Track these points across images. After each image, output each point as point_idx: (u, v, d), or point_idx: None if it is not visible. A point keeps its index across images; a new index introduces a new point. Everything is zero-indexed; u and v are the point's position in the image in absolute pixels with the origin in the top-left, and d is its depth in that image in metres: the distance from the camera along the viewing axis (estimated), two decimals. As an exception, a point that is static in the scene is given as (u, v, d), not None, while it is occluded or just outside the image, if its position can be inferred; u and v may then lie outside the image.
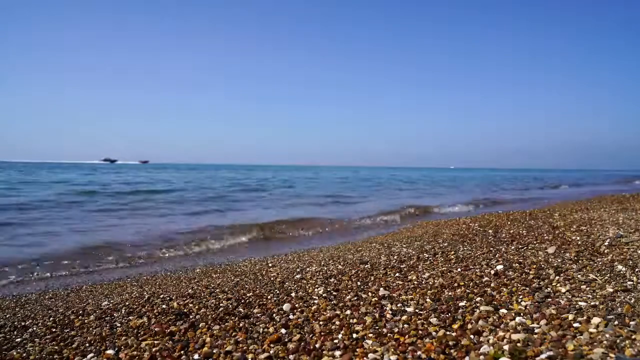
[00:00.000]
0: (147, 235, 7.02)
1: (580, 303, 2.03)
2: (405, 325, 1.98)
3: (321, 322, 2.14)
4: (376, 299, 2.45)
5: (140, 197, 14.32)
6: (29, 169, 44.81)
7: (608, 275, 2.46)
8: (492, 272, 2.79)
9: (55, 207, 10.73)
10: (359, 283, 2.87)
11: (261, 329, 2.11)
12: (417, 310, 2.18)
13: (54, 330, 2.41)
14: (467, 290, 2.44)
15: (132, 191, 16.56)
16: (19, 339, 2.29)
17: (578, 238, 3.74)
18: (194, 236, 6.92)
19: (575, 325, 1.76)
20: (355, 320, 2.11)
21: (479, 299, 2.28)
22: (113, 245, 6.13)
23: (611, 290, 2.17)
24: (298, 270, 3.56)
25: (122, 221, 8.82)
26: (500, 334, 1.77)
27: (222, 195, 15.35)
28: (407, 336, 1.85)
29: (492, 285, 2.51)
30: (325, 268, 3.52)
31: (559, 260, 2.94)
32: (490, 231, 4.71)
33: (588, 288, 2.26)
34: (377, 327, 1.99)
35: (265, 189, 19.52)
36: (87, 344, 2.12)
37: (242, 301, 2.66)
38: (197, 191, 17.12)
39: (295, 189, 20.70)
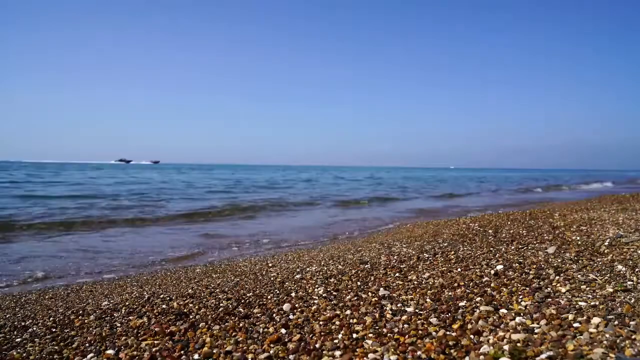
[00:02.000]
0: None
1: (580, 303, 2.03)
2: (405, 325, 1.98)
3: (321, 322, 2.14)
4: (376, 299, 2.45)
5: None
6: (41, 168, 44.71)
7: (608, 275, 2.46)
8: (492, 272, 2.79)
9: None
10: (359, 283, 2.87)
11: (261, 329, 2.11)
12: (417, 310, 2.18)
13: (54, 330, 2.41)
14: (467, 290, 2.44)
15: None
16: (19, 339, 2.29)
17: (578, 238, 3.74)
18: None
19: (575, 325, 1.76)
20: (355, 320, 2.11)
21: (479, 299, 2.28)
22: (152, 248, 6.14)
23: (611, 290, 2.17)
24: (298, 270, 3.56)
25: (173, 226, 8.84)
26: (500, 334, 1.77)
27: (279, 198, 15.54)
28: (407, 336, 1.85)
29: (492, 285, 2.51)
30: (325, 268, 3.52)
31: (559, 260, 2.94)
32: (490, 231, 4.71)
33: (588, 288, 2.26)
34: (377, 327, 1.99)
35: (287, 192, 19.61)
36: (87, 344, 2.12)
37: (242, 301, 2.66)
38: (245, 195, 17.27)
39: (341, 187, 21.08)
